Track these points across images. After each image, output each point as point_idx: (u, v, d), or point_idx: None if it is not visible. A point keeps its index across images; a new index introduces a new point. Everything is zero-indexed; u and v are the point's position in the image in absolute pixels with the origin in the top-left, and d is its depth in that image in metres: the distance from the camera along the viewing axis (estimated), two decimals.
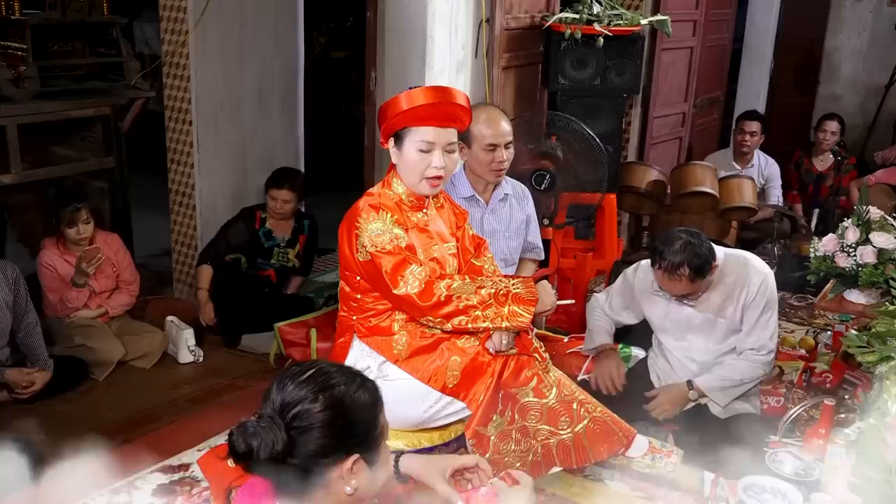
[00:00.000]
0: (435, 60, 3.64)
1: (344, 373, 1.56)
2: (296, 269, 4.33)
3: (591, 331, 3.23)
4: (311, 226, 4.37)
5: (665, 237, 2.85)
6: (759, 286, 2.92)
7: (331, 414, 1.48)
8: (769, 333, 2.97)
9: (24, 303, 3.37)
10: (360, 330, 2.49)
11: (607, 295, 3.24)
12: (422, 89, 2.40)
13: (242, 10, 4.29)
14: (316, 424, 1.47)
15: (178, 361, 3.84)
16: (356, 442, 1.52)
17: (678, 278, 2.81)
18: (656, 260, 2.84)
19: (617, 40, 3.95)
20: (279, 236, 4.23)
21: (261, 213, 4.21)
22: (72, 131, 4.38)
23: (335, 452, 1.49)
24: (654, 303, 3.06)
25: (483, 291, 2.34)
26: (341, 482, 1.50)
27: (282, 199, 4.14)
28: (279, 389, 1.51)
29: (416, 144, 2.39)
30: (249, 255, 4.19)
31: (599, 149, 3.72)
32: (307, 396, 1.49)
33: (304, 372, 1.53)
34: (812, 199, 5.71)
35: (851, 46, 7.32)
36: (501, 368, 2.37)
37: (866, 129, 6.96)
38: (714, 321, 2.98)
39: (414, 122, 2.38)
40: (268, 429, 1.46)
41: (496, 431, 2.37)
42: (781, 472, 2.69)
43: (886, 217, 3.43)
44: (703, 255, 2.79)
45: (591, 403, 2.48)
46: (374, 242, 2.35)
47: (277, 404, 1.49)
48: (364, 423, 1.54)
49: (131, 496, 2.80)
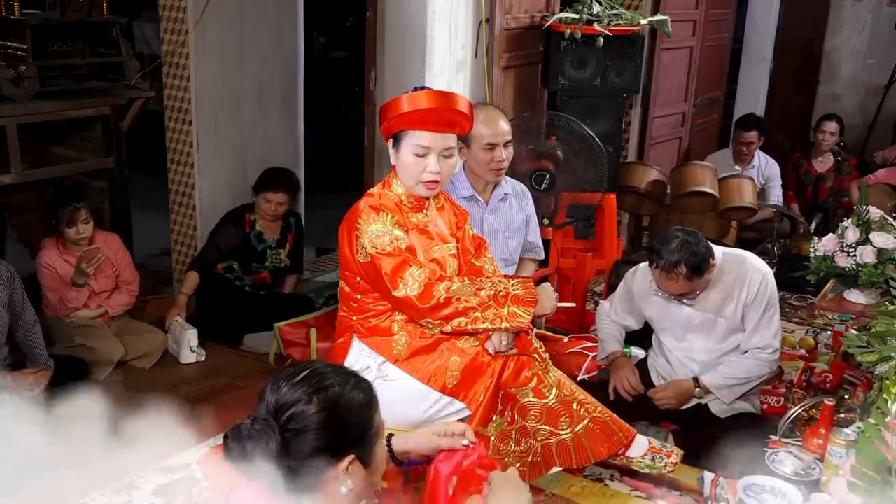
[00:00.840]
0: (435, 60, 3.64)
1: (339, 373, 1.56)
2: (288, 269, 4.30)
3: (602, 340, 3.22)
4: (298, 223, 4.33)
5: (662, 236, 2.85)
6: (759, 285, 2.92)
7: (326, 415, 1.48)
8: (773, 332, 2.97)
9: (21, 302, 3.37)
10: (359, 330, 2.49)
11: (611, 302, 3.24)
12: (424, 93, 2.38)
13: (242, 10, 4.28)
14: (311, 426, 1.47)
15: (179, 361, 3.83)
16: (351, 443, 1.51)
17: (675, 277, 2.81)
18: (653, 259, 2.84)
19: (617, 40, 3.95)
20: (270, 237, 4.19)
21: (249, 216, 4.14)
22: (71, 131, 4.38)
23: (330, 453, 1.49)
24: (652, 303, 3.06)
25: (482, 293, 2.34)
26: (337, 483, 1.50)
27: (276, 202, 4.10)
28: (273, 391, 1.51)
29: (411, 148, 2.39)
30: (243, 260, 4.14)
31: (599, 149, 3.72)
32: (301, 398, 1.49)
33: (298, 373, 1.53)
34: (812, 201, 5.68)
35: (851, 46, 7.32)
36: (501, 369, 2.37)
37: (866, 129, 6.95)
38: (714, 321, 2.98)
39: (411, 125, 2.38)
40: (262, 431, 1.45)
41: (496, 432, 2.37)
42: (781, 472, 2.70)
43: (886, 217, 3.43)
44: (700, 253, 2.79)
45: (590, 404, 2.48)
46: (374, 244, 2.34)
47: (272, 406, 1.49)
48: (359, 424, 1.54)
49: (131, 496, 2.80)
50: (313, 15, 5.42)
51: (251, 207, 4.19)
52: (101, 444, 3.06)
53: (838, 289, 3.57)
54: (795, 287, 4.57)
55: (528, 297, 2.34)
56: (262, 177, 4.18)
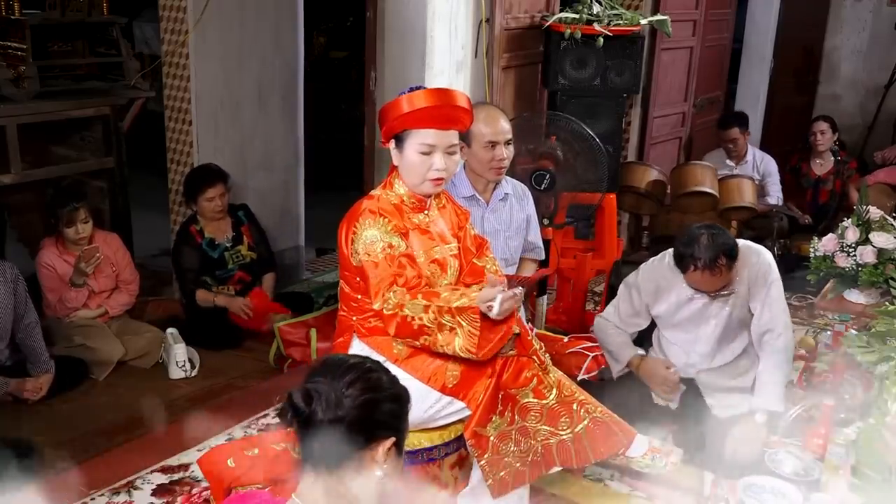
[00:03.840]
0: (435, 60, 3.64)
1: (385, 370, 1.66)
2: (258, 263, 4.19)
3: (613, 352, 3.14)
4: (248, 213, 4.24)
5: (686, 239, 2.81)
6: (759, 260, 2.94)
7: (394, 391, 1.59)
8: (780, 307, 2.97)
9: (24, 303, 3.37)
10: (359, 330, 2.49)
11: (615, 309, 3.18)
12: (422, 92, 2.39)
13: (242, 10, 4.29)
14: (383, 395, 1.56)
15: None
16: (399, 427, 1.58)
17: (719, 271, 2.79)
18: (689, 263, 2.80)
19: (617, 40, 3.95)
20: (222, 239, 4.11)
21: (195, 227, 4.07)
22: (71, 131, 4.38)
23: (384, 429, 1.55)
24: (664, 299, 3.04)
25: (430, 311, 2.26)
26: (374, 465, 1.54)
27: (217, 195, 4.03)
28: (330, 367, 1.59)
29: (416, 147, 2.39)
30: (208, 273, 4.08)
31: (599, 149, 3.72)
32: (374, 369, 1.59)
33: (350, 357, 1.64)
34: (812, 203, 5.65)
35: (851, 46, 7.32)
36: (501, 369, 2.36)
37: (866, 129, 6.95)
38: (724, 306, 2.97)
39: (414, 124, 2.38)
40: (330, 391, 1.52)
41: (495, 432, 2.37)
42: (781, 472, 2.70)
43: (886, 217, 3.43)
44: (729, 238, 2.81)
45: (591, 404, 2.47)
46: (366, 250, 2.35)
47: (342, 372, 1.56)
48: (405, 412, 1.61)
49: (131, 496, 2.81)
50: (313, 15, 5.42)
51: (193, 219, 4.11)
52: (101, 444, 3.08)
53: (838, 289, 3.57)
54: (795, 287, 4.56)
55: (469, 303, 2.24)
56: (192, 180, 4.08)
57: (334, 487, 1.54)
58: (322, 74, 6.74)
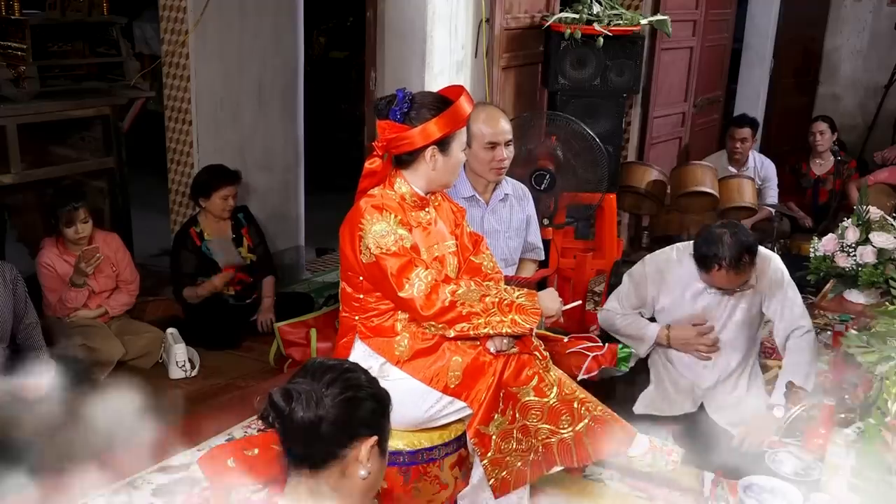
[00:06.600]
0: (435, 60, 3.64)
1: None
2: (257, 266, 4.18)
3: (632, 334, 3.08)
4: (248, 215, 4.23)
5: (708, 239, 2.80)
6: (770, 264, 2.96)
7: (374, 390, 1.61)
8: (799, 312, 2.99)
9: (24, 303, 3.36)
10: (362, 331, 2.48)
11: (617, 299, 3.17)
12: (460, 93, 2.41)
13: (242, 10, 4.29)
14: (363, 394, 1.57)
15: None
16: (381, 426, 1.60)
17: (744, 268, 2.80)
18: (713, 262, 2.79)
19: (617, 40, 3.95)
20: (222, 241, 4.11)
21: (194, 230, 4.06)
22: (71, 131, 4.38)
23: (366, 427, 1.56)
24: (670, 291, 3.03)
25: (487, 299, 2.34)
26: (357, 464, 1.55)
27: (232, 196, 4.03)
28: (313, 369, 1.60)
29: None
30: (207, 274, 4.05)
31: (599, 149, 3.72)
32: (352, 369, 1.61)
33: (329, 360, 1.67)
34: (812, 204, 5.64)
35: (851, 46, 7.32)
36: (502, 368, 2.37)
37: (866, 129, 6.95)
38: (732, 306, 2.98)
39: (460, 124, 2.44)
40: (310, 391, 1.54)
41: (497, 430, 2.37)
42: (781, 472, 2.70)
43: (886, 217, 3.43)
44: (748, 234, 2.84)
45: (591, 402, 2.47)
46: (378, 244, 2.34)
47: (321, 373, 1.58)
48: (387, 412, 1.63)
49: (131, 496, 2.80)
50: (313, 15, 5.43)
51: (193, 221, 4.10)
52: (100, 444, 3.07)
53: (838, 289, 3.58)
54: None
55: (532, 308, 2.35)
56: (208, 177, 4.05)
57: (319, 488, 1.54)
58: (322, 74, 6.75)
